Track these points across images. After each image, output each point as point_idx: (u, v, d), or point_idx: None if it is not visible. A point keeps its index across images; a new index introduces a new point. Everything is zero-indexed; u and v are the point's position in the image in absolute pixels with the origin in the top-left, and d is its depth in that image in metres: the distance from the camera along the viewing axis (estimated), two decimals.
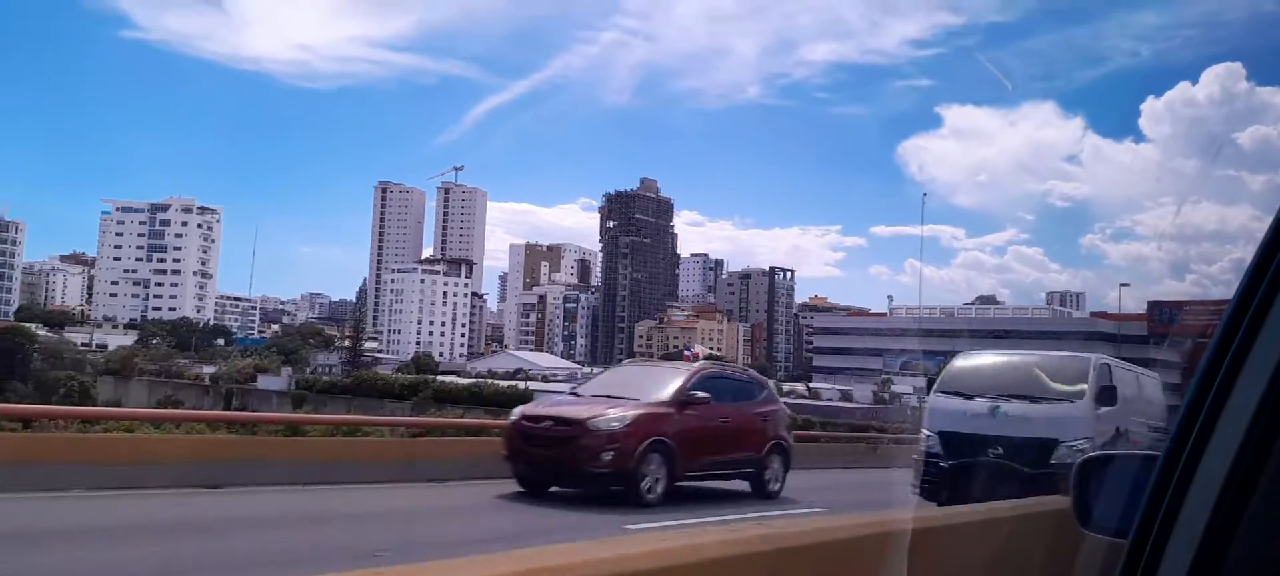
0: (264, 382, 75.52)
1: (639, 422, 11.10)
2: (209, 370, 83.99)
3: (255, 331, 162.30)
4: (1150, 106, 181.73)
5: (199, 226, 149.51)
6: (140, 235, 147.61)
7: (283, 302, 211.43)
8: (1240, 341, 1.18)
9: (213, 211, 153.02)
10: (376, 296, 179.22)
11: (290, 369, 78.76)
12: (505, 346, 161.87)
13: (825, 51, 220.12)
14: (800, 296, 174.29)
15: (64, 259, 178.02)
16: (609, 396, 11.98)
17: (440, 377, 72.25)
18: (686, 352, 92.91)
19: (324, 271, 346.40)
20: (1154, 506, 1.22)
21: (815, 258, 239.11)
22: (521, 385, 68.69)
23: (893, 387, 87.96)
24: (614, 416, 11.15)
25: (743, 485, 12.92)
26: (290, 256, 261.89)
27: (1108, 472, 1.76)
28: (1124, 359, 15.52)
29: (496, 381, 69.54)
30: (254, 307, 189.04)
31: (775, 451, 13.10)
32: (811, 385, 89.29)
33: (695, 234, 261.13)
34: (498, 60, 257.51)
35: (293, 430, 15.78)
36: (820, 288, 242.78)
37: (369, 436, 16.02)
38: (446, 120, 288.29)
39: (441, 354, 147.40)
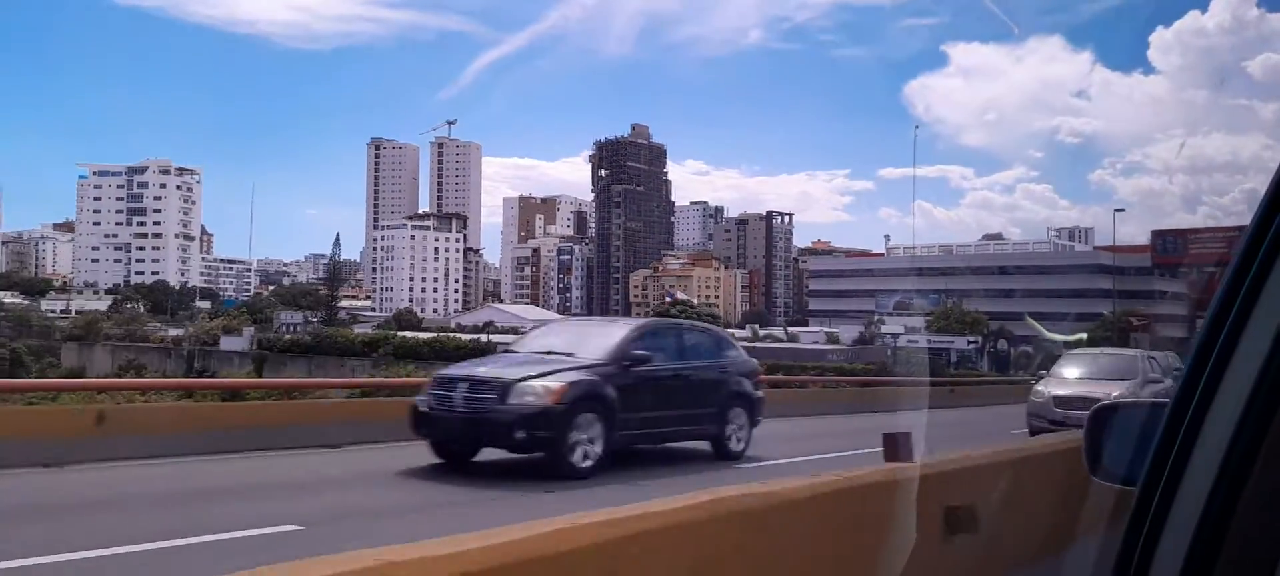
0: (227, 343, 73.40)
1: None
2: (176, 332, 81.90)
3: (251, 293, 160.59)
4: (1159, 37, 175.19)
5: (178, 188, 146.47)
6: (119, 199, 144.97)
7: (285, 264, 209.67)
8: (1251, 282, 1.13)
9: (192, 172, 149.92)
10: (374, 255, 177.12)
11: (253, 329, 76.35)
12: (501, 300, 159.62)
13: None
14: (807, 241, 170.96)
15: (57, 227, 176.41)
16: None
17: (402, 333, 69.61)
18: (667, 298, 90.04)
19: (328, 232, 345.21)
20: (1162, 454, 1.20)
21: (823, 203, 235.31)
22: (484, 337, 66.08)
23: (883, 328, 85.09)
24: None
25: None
26: (296, 218, 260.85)
27: (1117, 420, 1.73)
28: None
29: (459, 335, 66.87)
30: (248, 269, 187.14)
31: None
32: (790, 329, 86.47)
33: (701, 183, 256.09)
34: (495, 13, 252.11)
35: (233, 394, 15.32)
36: (830, 232, 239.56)
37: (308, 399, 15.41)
38: (446, 76, 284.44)
39: (434, 310, 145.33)
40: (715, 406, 11.57)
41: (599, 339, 11.17)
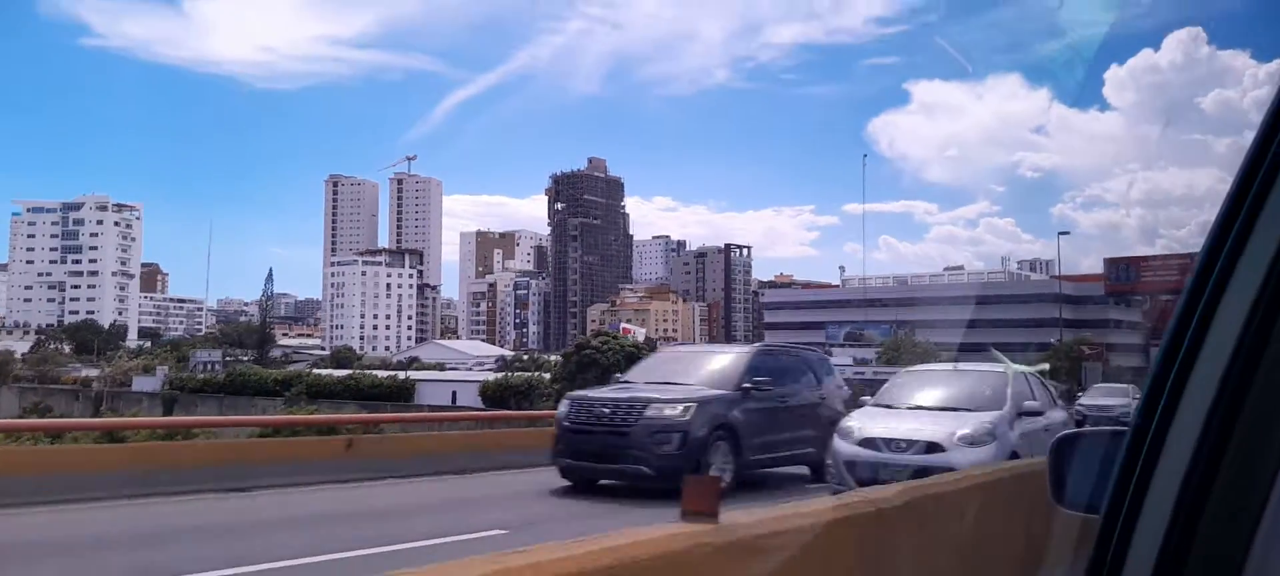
0: (139, 384, 70.02)
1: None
2: (92, 373, 78.27)
3: (203, 332, 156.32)
4: (1114, 74, 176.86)
5: (116, 224, 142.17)
6: (53, 236, 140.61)
7: (246, 303, 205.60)
8: (1203, 310, 1.15)
9: (132, 209, 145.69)
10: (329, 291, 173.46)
11: (166, 369, 72.89)
12: (458, 336, 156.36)
13: (791, 33, 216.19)
14: (773, 275, 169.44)
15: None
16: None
17: (315, 371, 66.53)
18: (611, 331, 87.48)
19: (292, 270, 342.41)
20: (1124, 481, 1.22)
21: (790, 237, 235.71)
22: (402, 375, 63.24)
23: (831, 359, 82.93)
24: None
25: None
26: (261, 257, 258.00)
27: (1080, 448, 1.75)
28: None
29: (376, 373, 63.91)
30: (200, 309, 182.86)
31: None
32: None
33: (670, 219, 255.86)
34: (462, 53, 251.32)
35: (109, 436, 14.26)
36: (796, 266, 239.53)
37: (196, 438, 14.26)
38: (414, 116, 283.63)
39: (387, 347, 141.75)
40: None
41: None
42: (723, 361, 11.91)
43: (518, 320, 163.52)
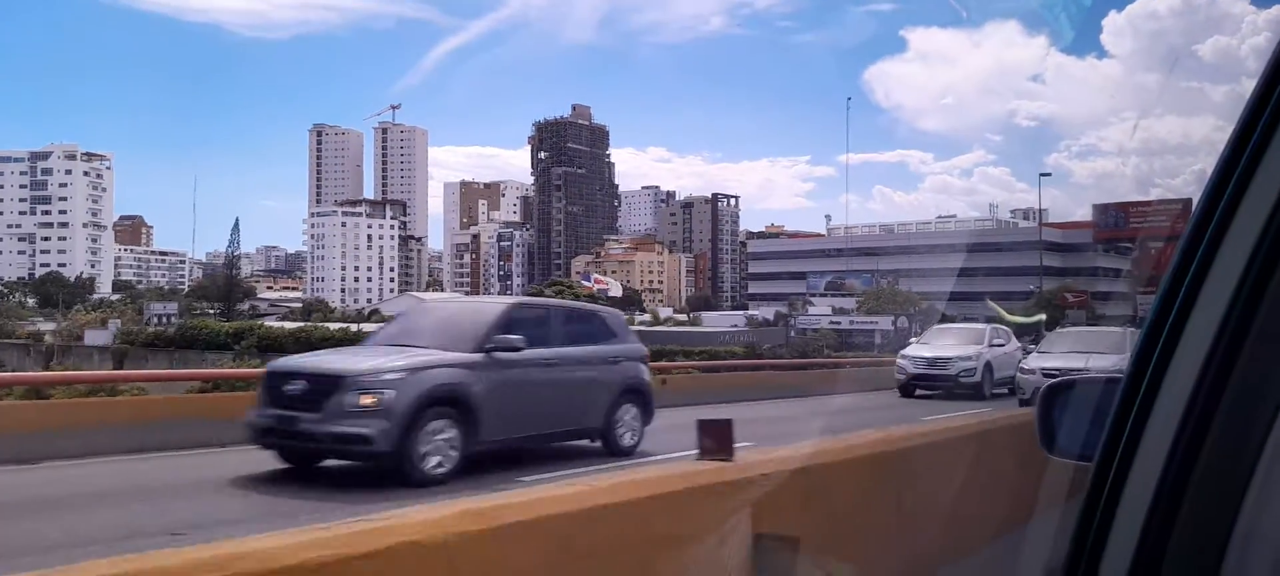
0: (91, 337, 68.04)
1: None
2: (48, 326, 76.32)
3: (186, 285, 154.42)
4: (1112, 21, 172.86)
5: (86, 174, 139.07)
6: (22, 186, 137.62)
7: (235, 255, 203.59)
8: (1201, 259, 1.16)
9: (102, 158, 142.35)
10: (310, 243, 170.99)
11: (118, 322, 70.87)
12: (442, 288, 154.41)
13: None
14: (764, 227, 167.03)
15: None
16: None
17: (267, 323, 64.52)
18: (584, 282, 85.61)
19: (283, 222, 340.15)
20: (1117, 429, 1.22)
21: (785, 189, 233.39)
22: (354, 327, 61.12)
23: (811, 309, 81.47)
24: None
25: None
26: (251, 209, 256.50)
27: (1071, 397, 1.76)
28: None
29: (328, 325, 61.86)
30: (182, 261, 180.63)
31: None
32: (694, 313, 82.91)
33: (664, 170, 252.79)
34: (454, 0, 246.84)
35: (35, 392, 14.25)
36: (792, 217, 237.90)
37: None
38: (406, 64, 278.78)
39: (369, 299, 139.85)
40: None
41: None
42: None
43: (501, 271, 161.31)
